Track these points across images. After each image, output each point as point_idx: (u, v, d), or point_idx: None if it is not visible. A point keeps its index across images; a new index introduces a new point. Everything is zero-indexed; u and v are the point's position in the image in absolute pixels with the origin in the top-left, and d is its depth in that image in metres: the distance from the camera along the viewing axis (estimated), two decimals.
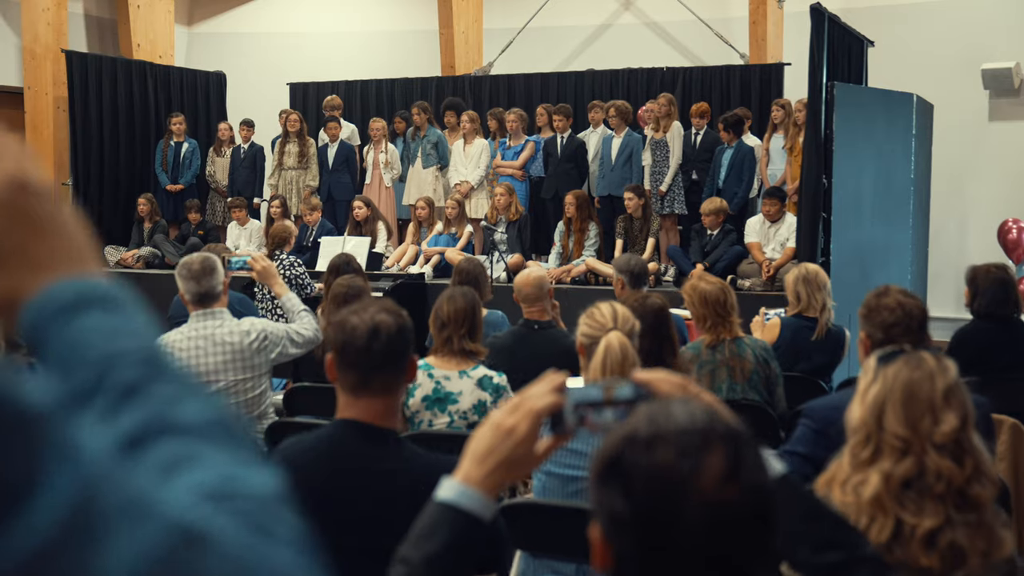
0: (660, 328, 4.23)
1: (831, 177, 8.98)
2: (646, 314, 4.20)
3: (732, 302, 5.19)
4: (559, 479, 3.46)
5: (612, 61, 13.30)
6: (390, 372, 2.64)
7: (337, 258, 6.81)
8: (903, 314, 3.11)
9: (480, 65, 14.46)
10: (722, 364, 5.13)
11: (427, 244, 10.69)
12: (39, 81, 12.40)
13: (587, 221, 10.04)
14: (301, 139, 12.03)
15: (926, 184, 10.70)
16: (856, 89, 9.45)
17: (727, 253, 9.45)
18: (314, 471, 2.60)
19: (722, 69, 12.56)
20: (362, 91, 14.03)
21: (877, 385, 2.33)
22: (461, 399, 4.39)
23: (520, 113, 11.24)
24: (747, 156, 10.23)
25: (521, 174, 11.06)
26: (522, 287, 5.54)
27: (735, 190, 10.19)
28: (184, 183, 12.38)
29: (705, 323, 5.20)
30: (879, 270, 9.58)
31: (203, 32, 15.74)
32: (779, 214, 9.46)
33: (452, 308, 4.50)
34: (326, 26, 15.41)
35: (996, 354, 5.48)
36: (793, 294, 6.00)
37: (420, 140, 11.68)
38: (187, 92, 13.41)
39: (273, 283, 5.07)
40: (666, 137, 10.67)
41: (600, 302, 3.59)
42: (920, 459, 2.26)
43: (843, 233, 9.10)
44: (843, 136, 9.05)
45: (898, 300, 3.13)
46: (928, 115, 10.59)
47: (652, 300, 4.27)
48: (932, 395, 2.28)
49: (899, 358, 2.35)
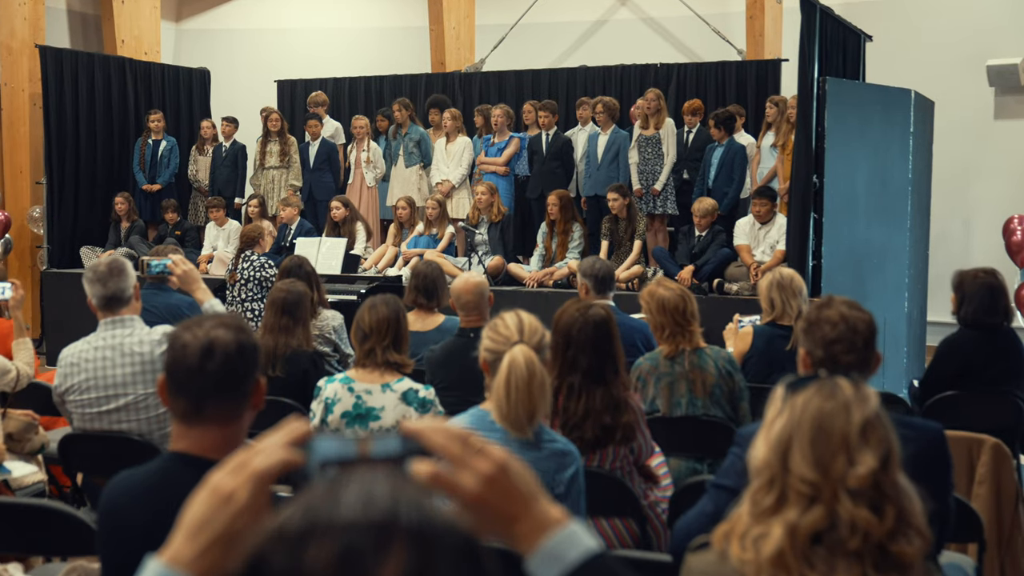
0: (602, 343, 3.85)
1: (823, 176, 8.57)
2: (586, 326, 3.82)
3: (692, 309, 4.80)
4: None
5: (608, 57, 12.90)
6: (227, 398, 2.25)
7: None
8: (846, 329, 2.72)
9: (472, 62, 14.08)
10: (681, 377, 4.74)
11: (406, 246, 10.31)
12: (15, 77, 12.08)
13: (571, 222, 9.64)
14: (283, 138, 11.67)
15: (926, 184, 10.26)
16: (849, 84, 9.03)
17: (715, 256, 9.04)
18: (135, 512, 2.22)
19: (717, 65, 12.15)
20: (350, 88, 13.67)
21: (783, 418, 1.94)
22: (383, 415, 4.01)
23: (505, 109, 10.86)
24: (738, 155, 9.82)
25: (504, 170, 10.68)
26: (461, 293, 5.16)
27: (725, 190, 9.78)
28: (162, 182, 12.03)
29: (663, 332, 4.81)
30: (875, 273, 9.16)
31: (191, 28, 15.42)
32: (769, 215, 9.05)
33: (374, 317, 4.12)
34: (316, 22, 15.08)
35: (983, 365, 5.09)
36: (767, 300, 5.59)
37: (402, 138, 11.32)
38: (169, 89, 13.05)
39: (194, 289, 4.71)
40: (658, 134, 10.27)
41: (506, 312, 3.20)
42: (832, 508, 1.86)
43: (836, 235, 8.69)
44: (836, 133, 8.63)
45: (841, 313, 2.74)
46: (928, 112, 10.15)
47: (595, 311, 3.88)
48: (847, 430, 1.89)
49: (810, 385, 1.96)
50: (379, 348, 4.07)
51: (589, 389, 3.80)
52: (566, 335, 3.85)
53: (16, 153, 12.19)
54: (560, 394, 3.84)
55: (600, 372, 3.82)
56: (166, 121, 12.52)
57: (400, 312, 4.18)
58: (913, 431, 2.73)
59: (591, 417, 3.78)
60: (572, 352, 3.83)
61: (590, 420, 3.78)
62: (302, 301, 5.24)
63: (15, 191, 12.25)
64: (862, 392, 1.93)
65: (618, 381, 3.85)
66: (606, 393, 3.80)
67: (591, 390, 3.80)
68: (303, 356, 5.13)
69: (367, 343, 4.09)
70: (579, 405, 3.79)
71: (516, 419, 2.98)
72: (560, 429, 3.82)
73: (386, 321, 4.10)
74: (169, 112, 12.91)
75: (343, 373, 4.13)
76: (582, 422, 3.78)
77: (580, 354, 3.81)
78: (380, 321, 4.10)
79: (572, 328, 3.84)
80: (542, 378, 2.97)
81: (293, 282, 5.34)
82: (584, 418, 3.78)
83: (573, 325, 3.84)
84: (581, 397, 3.79)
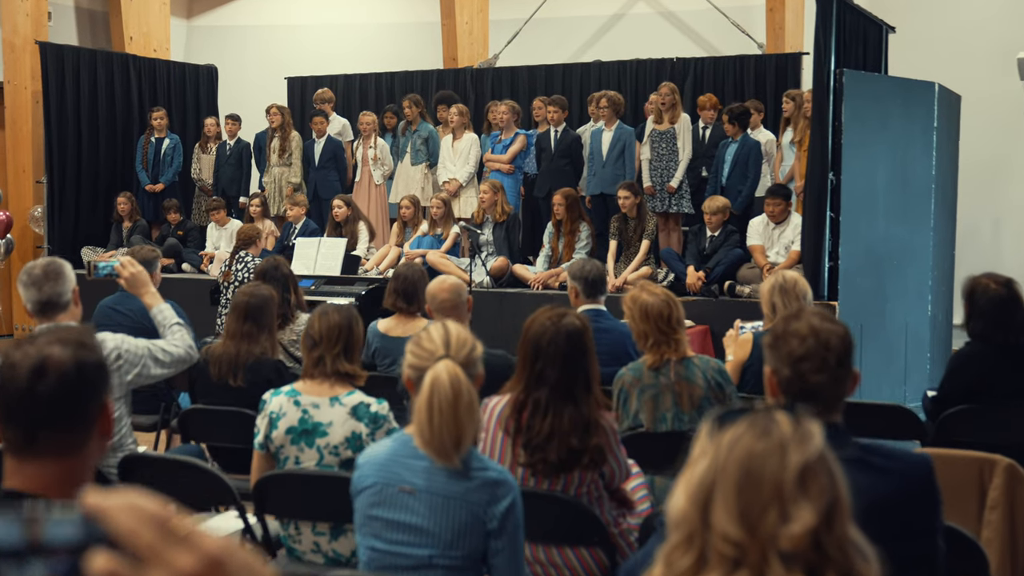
0: (574, 356, 3.49)
1: (840, 173, 8.17)
2: (557, 337, 3.47)
3: (678, 317, 4.43)
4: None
5: (625, 52, 12.53)
6: (64, 426, 1.91)
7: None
8: (816, 344, 2.35)
9: (485, 57, 13.74)
10: (666, 389, 4.37)
11: (409, 246, 9.97)
12: (18, 75, 11.86)
13: (578, 221, 9.26)
14: (283, 134, 11.38)
15: (952, 181, 9.82)
16: (868, 77, 8.61)
17: (726, 256, 8.64)
18: None
19: (736, 59, 11.76)
20: (361, 85, 13.37)
21: (705, 460, 1.58)
22: (331, 431, 3.67)
23: (511, 105, 10.50)
24: (753, 151, 9.41)
25: (509, 168, 10.31)
26: (436, 293, 4.82)
27: (739, 188, 9.38)
28: (165, 181, 11.75)
29: (646, 341, 4.44)
30: (896, 275, 8.75)
31: (202, 25, 15.16)
32: (784, 214, 8.64)
33: (324, 324, 3.78)
34: (327, 18, 14.79)
35: (996, 382, 4.67)
36: (768, 305, 5.20)
37: (411, 135, 10.99)
38: (175, 86, 12.79)
39: (143, 292, 4.38)
40: (673, 128, 9.88)
41: (433, 323, 2.85)
42: (760, 573, 1.50)
43: (854, 234, 8.29)
44: (854, 129, 8.23)
45: (811, 326, 2.37)
46: (954, 107, 9.70)
47: (568, 321, 3.52)
48: (780, 477, 1.52)
49: (741, 420, 1.60)
50: (329, 357, 3.74)
51: (557, 407, 3.45)
52: (535, 346, 3.50)
53: (19, 152, 11.97)
54: (524, 411, 3.49)
55: (570, 388, 3.46)
56: (171, 119, 12.28)
57: (353, 320, 3.84)
58: (896, 463, 2.37)
59: (557, 438, 3.42)
60: (540, 365, 3.48)
61: (555, 441, 3.43)
62: (267, 306, 4.91)
63: (18, 191, 12.03)
64: (803, 429, 1.57)
65: (590, 399, 3.49)
66: (575, 412, 3.44)
67: (559, 408, 3.45)
68: (267, 365, 4.80)
69: (315, 351, 3.76)
70: (544, 424, 3.43)
71: (440, 445, 2.63)
72: (522, 449, 3.47)
73: (337, 328, 3.77)
74: (175, 110, 12.66)
75: (290, 385, 3.80)
76: (546, 443, 3.43)
77: (549, 367, 3.46)
78: (330, 328, 3.76)
79: (542, 338, 3.49)
80: (470, 398, 2.62)
81: (258, 285, 5.01)
82: (549, 439, 3.43)
83: (543, 335, 3.49)
84: (547, 415, 3.44)
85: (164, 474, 3.95)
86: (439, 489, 2.67)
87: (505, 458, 3.51)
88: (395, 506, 2.72)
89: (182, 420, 4.94)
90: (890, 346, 8.72)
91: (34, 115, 11.80)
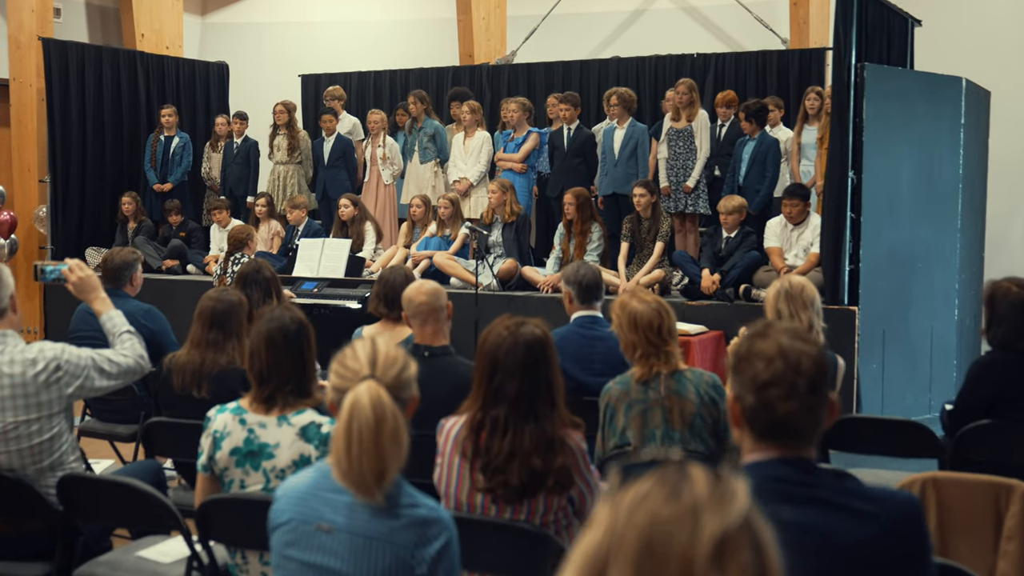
0: (534, 368, 3.17)
1: (861, 172, 7.79)
2: (515, 348, 3.15)
3: (669, 326, 4.09)
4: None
5: (647, 49, 12.17)
6: None
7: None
8: (785, 367, 2.00)
9: (503, 54, 13.42)
10: (656, 404, 4.03)
11: (416, 247, 9.66)
12: (24, 72, 11.65)
13: (589, 222, 8.92)
14: (291, 131, 11.10)
15: (980, 180, 9.42)
16: (891, 72, 8.22)
17: (742, 259, 8.27)
18: None
19: (758, 55, 11.37)
20: (375, 82, 13.09)
21: (600, 529, 1.26)
22: (278, 453, 3.36)
23: (522, 102, 10.16)
24: (771, 149, 9.02)
25: (522, 167, 9.98)
26: (413, 297, 4.49)
27: (757, 187, 8.99)
28: (173, 181, 11.50)
29: (635, 352, 4.11)
30: (920, 278, 8.37)
31: (216, 22, 14.94)
32: (802, 215, 8.25)
33: (273, 357, 3.40)
34: (342, 15, 14.54)
35: (1018, 393, 4.31)
36: (773, 312, 4.85)
37: (417, 133, 10.69)
38: (184, 84, 12.54)
39: (92, 298, 4.09)
40: (691, 126, 9.52)
41: (360, 338, 2.53)
42: None
43: (876, 236, 7.92)
44: (876, 125, 7.85)
45: (780, 346, 2.02)
46: (983, 103, 9.30)
47: (527, 330, 3.21)
48: (690, 553, 1.20)
49: (648, 476, 1.28)
50: (281, 395, 3.38)
51: (517, 425, 3.13)
52: (492, 358, 3.18)
53: (24, 150, 11.76)
54: (482, 431, 3.17)
55: (531, 404, 3.14)
56: (181, 117, 12.03)
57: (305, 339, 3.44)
58: (878, 505, 2.03)
59: (518, 459, 3.10)
60: (498, 379, 3.15)
61: (516, 462, 3.10)
62: (234, 312, 4.61)
63: (23, 190, 11.83)
64: (723, 489, 1.24)
65: (554, 415, 3.17)
66: (537, 430, 3.12)
67: (519, 426, 3.13)
68: (233, 375, 4.49)
69: (266, 387, 3.38)
70: (503, 444, 3.11)
71: (360, 478, 2.30)
72: (481, 473, 3.15)
73: (288, 361, 3.37)
74: (185, 108, 12.42)
75: (236, 402, 3.48)
76: (506, 465, 3.11)
77: (507, 381, 3.14)
78: (280, 362, 3.37)
79: (498, 350, 3.17)
80: (395, 425, 2.29)
81: (225, 290, 4.70)
82: (509, 460, 3.10)
83: (500, 346, 3.17)
84: (507, 434, 3.12)
85: (104, 496, 3.66)
86: (360, 528, 2.35)
87: (463, 484, 3.19)
88: (311, 547, 2.40)
89: (144, 433, 4.65)
90: (914, 352, 8.34)
91: (40, 113, 11.58)
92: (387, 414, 2.28)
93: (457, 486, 3.19)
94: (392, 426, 2.28)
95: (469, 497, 3.18)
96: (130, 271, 6.18)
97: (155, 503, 3.50)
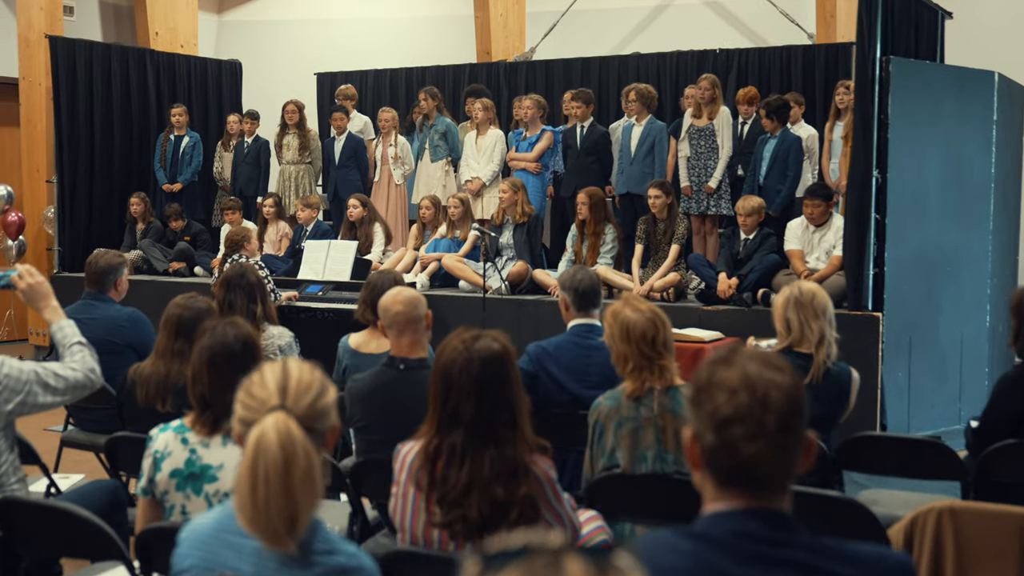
0: (492, 387, 2.85)
1: (886, 171, 7.42)
2: (470, 365, 2.84)
3: (665, 338, 3.76)
4: None
5: (669, 46, 11.81)
6: None
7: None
8: (751, 400, 1.67)
9: (521, 51, 13.10)
10: (648, 423, 3.71)
11: (425, 249, 9.36)
12: (33, 71, 11.45)
13: (603, 223, 8.58)
14: (301, 131, 10.83)
15: (1015, 179, 9.01)
16: (918, 65, 7.83)
17: (761, 262, 7.91)
18: None
19: (782, 50, 10.98)
20: (391, 80, 12.80)
21: None
22: (222, 475, 3.06)
23: (536, 99, 9.83)
24: (792, 147, 8.65)
25: (536, 167, 9.65)
26: (389, 306, 4.18)
27: (778, 187, 8.62)
28: (183, 181, 11.26)
29: (626, 364, 3.78)
30: (949, 283, 7.98)
31: (233, 20, 14.71)
32: (824, 216, 7.88)
33: (216, 381, 3.13)
34: (359, 13, 14.27)
35: None
36: (782, 322, 4.52)
37: (428, 130, 10.38)
38: (196, 82, 12.29)
39: (43, 307, 3.82)
40: (712, 124, 9.17)
41: (271, 363, 2.21)
42: None
43: (902, 238, 7.54)
44: (902, 122, 7.48)
45: (745, 375, 1.68)
46: (1016, 98, 8.88)
47: (483, 344, 2.88)
48: None
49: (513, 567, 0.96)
50: (224, 421, 3.10)
51: (475, 451, 2.81)
52: (445, 378, 2.87)
53: (34, 151, 11.56)
54: (438, 459, 2.85)
55: (490, 427, 2.82)
56: (193, 116, 11.79)
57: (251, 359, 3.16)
58: (860, 569, 1.69)
59: (477, 489, 2.78)
60: (453, 401, 2.84)
61: (475, 493, 2.78)
62: (202, 319, 4.32)
63: (32, 191, 11.64)
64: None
65: (517, 438, 2.85)
66: (498, 456, 2.80)
67: (478, 453, 2.81)
68: None
69: (208, 413, 3.10)
70: (461, 473, 2.80)
71: (267, 525, 1.98)
72: (437, 506, 2.84)
73: (233, 384, 3.10)
74: (197, 107, 12.18)
75: (179, 420, 3.19)
76: (464, 496, 2.79)
77: (463, 403, 2.82)
78: (223, 387, 3.09)
79: (452, 368, 2.85)
80: (308, 463, 1.98)
81: (193, 296, 4.42)
82: (467, 491, 2.79)
83: (453, 364, 2.85)
84: (464, 462, 2.80)
85: (43, 522, 3.38)
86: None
87: (419, 517, 2.88)
88: None
89: (108, 449, 4.37)
90: (943, 360, 7.95)
91: (49, 113, 11.37)
92: (298, 451, 1.97)
93: (412, 519, 2.88)
94: (304, 465, 1.97)
95: (425, 531, 2.87)
96: (114, 275, 5.93)
97: (95, 531, 3.22)
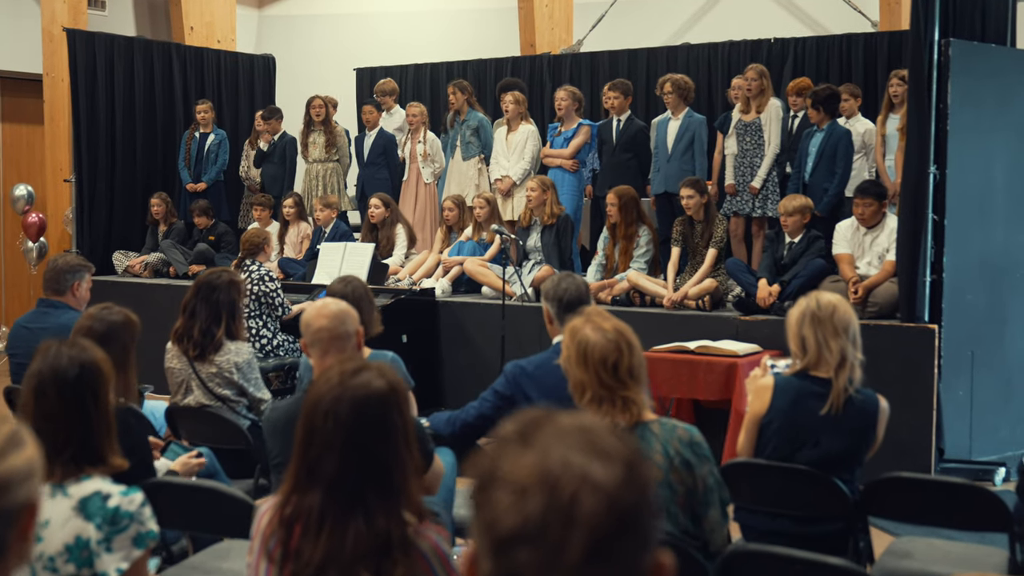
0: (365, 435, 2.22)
1: (944, 167, 6.64)
2: (338, 406, 2.22)
3: (630, 365, 3.08)
4: None
5: (725, 36, 11.07)
6: None
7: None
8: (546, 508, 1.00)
9: (569, 43, 12.45)
10: None
11: (448, 253, 8.76)
12: (56, 66, 11.09)
13: (635, 225, 7.90)
14: (327, 128, 10.30)
15: None
16: (982, 49, 7.03)
17: (806, 268, 7.16)
18: None
19: (842, 38, 10.19)
20: (431, 75, 12.23)
21: None
22: (48, 535, 2.48)
23: (572, 91, 9.15)
24: (841, 141, 7.88)
25: (573, 164, 8.98)
26: (311, 321, 3.57)
27: (824, 185, 7.86)
28: (207, 180, 10.77)
29: (583, 395, 3.12)
30: (1017, 292, 7.17)
31: (273, 15, 14.27)
32: (876, 217, 7.11)
33: (46, 409, 2.58)
34: (402, 6, 13.73)
35: None
36: (796, 340, 3.83)
37: (459, 126, 9.76)
38: (227, 78, 11.81)
39: None
40: (760, 118, 8.46)
41: None
42: None
43: (963, 242, 6.76)
44: (963, 112, 6.70)
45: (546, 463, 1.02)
46: None
47: (362, 380, 2.25)
48: None
49: None
50: (59, 467, 2.54)
51: (336, 520, 2.18)
52: (309, 420, 2.24)
53: (57, 149, 11.19)
54: (296, 526, 2.23)
55: (358, 488, 2.19)
56: (221, 113, 11.34)
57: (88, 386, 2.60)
58: None
59: (335, 569, 2.15)
60: (315, 451, 2.21)
61: (333, 574, 2.15)
62: (115, 334, 3.76)
63: (55, 191, 11.27)
64: None
65: (396, 502, 2.21)
66: (366, 527, 2.16)
67: (339, 522, 2.17)
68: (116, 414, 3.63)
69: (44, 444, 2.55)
70: (316, 549, 2.17)
71: None
72: None
73: (64, 427, 2.55)
74: (227, 104, 11.72)
75: None
76: None
77: (325, 455, 2.19)
78: (55, 421, 2.55)
79: (317, 408, 2.23)
80: None
81: (108, 307, 3.86)
82: (321, 572, 2.15)
83: (319, 403, 2.23)
84: (321, 534, 2.17)
85: None
86: None
87: None
88: None
89: None
90: (1009, 378, 7.15)
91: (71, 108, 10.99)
92: None
93: None
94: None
95: None
96: (73, 279, 5.45)
97: None
